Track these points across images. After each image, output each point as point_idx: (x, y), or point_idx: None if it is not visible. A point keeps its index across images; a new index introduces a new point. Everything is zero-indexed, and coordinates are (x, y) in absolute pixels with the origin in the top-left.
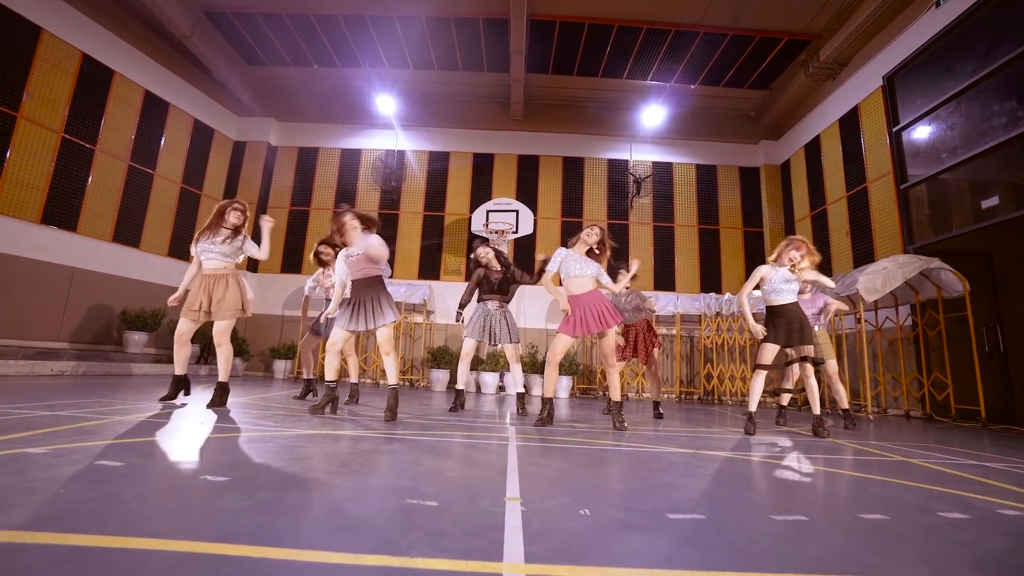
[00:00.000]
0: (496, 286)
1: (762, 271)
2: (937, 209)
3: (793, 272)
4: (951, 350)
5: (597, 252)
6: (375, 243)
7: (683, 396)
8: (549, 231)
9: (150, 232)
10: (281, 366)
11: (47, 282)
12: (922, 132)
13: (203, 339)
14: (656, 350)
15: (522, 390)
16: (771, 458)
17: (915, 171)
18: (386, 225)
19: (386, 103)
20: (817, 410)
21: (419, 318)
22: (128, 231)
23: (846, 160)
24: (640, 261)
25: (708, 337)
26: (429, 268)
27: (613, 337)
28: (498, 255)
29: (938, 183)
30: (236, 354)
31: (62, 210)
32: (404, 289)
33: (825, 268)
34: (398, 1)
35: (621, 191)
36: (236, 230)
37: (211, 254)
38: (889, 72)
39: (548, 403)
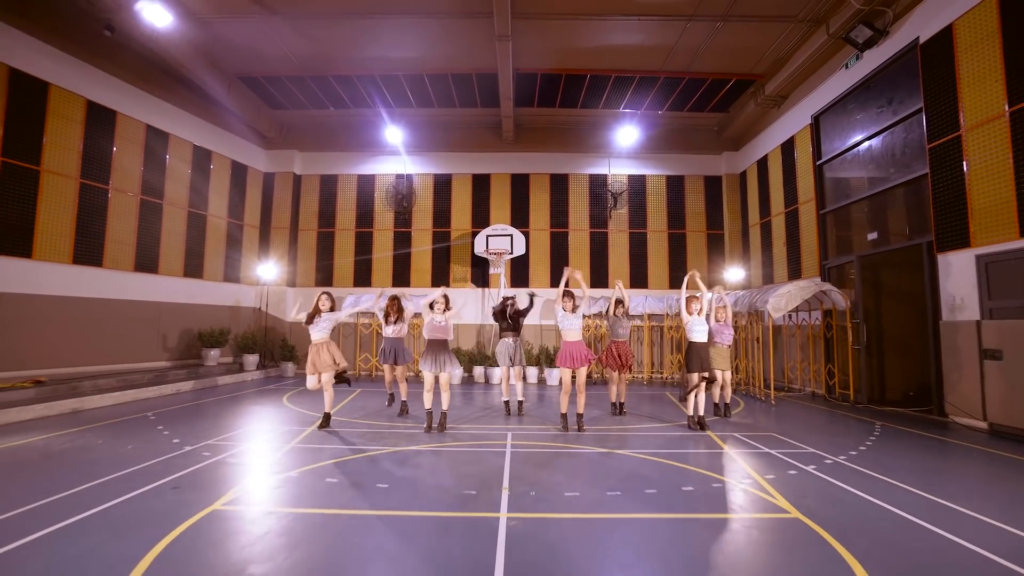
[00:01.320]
0: (512, 324)
1: (685, 317)
2: (843, 234)
3: (699, 316)
4: (839, 347)
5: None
6: (449, 319)
7: (652, 378)
8: (540, 241)
9: (208, 263)
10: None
11: (143, 317)
12: (836, 169)
13: (262, 348)
14: (632, 363)
15: (522, 399)
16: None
17: (831, 200)
18: (400, 241)
19: (394, 134)
20: (701, 410)
21: None
22: (193, 265)
23: (785, 181)
24: (571, 268)
25: (670, 329)
26: (440, 277)
27: (585, 371)
28: (515, 304)
29: (843, 214)
30: (287, 359)
31: (146, 259)
32: (420, 299)
33: (767, 272)
34: (404, 64)
35: (601, 202)
36: (331, 309)
37: (316, 332)
38: (817, 112)
39: (564, 417)
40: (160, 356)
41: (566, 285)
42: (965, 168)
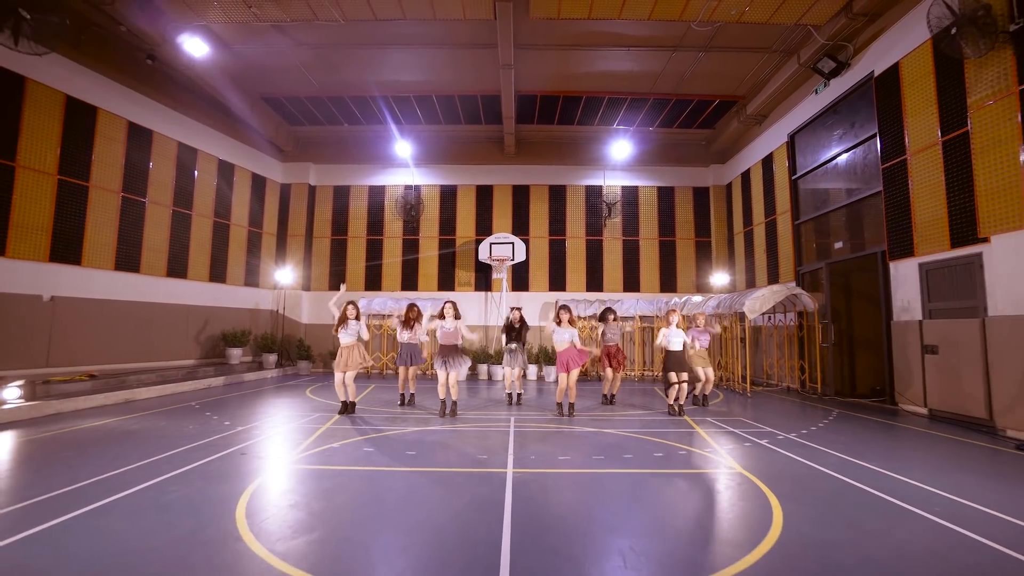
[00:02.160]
0: (518, 335)
1: (664, 331)
2: (815, 242)
3: (679, 328)
4: (811, 345)
5: (570, 321)
6: (461, 327)
7: (644, 375)
8: (539, 248)
9: (231, 268)
10: None
11: (174, 318)
12: (808, 184)
13: (280, 348)
14: (624, 362)
15: (521, 391)
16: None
17: (803, 212)
18: (409, 248)
19: (403, 148)
20: (682, 399)
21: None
22: (218, 271)
23: (765, 193)
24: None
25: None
26: (446, 282)
27: (577, 372)
28: (521, 318)
29: (814, 225)
30: (303, 358)
31: (177, 265)
32: (429, 303)
33: (750, 277)
34: (415, 86)
35: (597, 212)
36: (356, 318)
37: (345, 336)
38: (792, 131)
39: (560, 406)
40: (189, 355)
41: (561, 311)
42: (910, 187)
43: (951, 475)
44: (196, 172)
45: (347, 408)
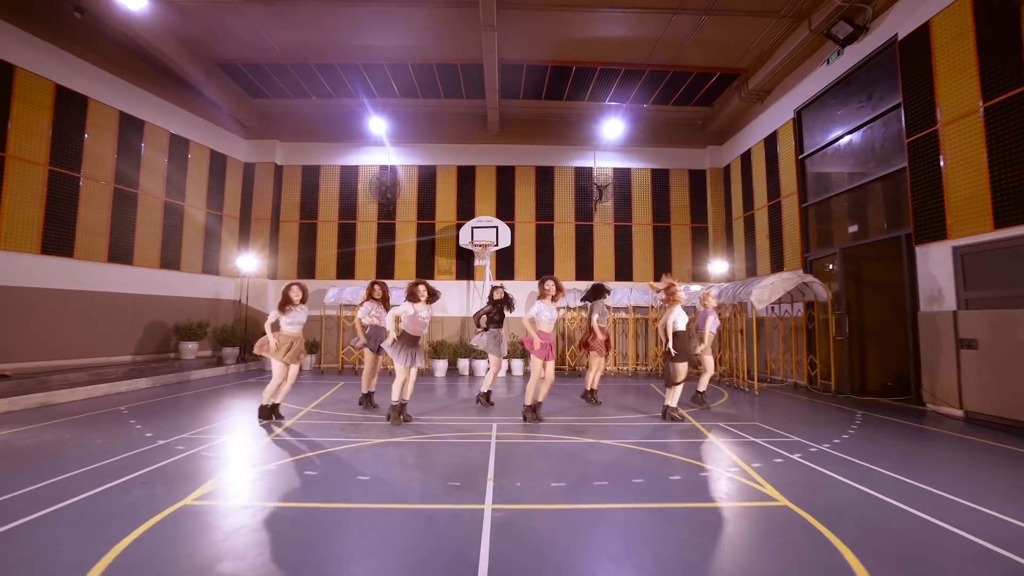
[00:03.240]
0: (501, 317)
1: (678, 309)
2: (825, 227)
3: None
4: (821, 339)
5: (554, 297)
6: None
7: (637, 370)
8: (526, 234)
9: (187, 255)
10: (307, 360)
11: (119, 309)
12: (818, 163)
13: (241, 341)
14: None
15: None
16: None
17: (812, 194)
18: (384, 233)
19: (377, 124)
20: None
21: None
22: (170, 257)
23: (768, 175)
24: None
25: (655, 322)
26: (424, 270)
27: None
28: (507, 296)
29: (825, 207)
30: None
31: (120, 249)
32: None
33: (751, 265)
34: (387, 52)
35: (587, 195)
36: (303, 301)
37: (291, 325)
38: (799, 107)
39: (532, 410)
40: (135, 350)
41: (547, 283)
42: (942, 162)
43: None
44: (143, 146)
45: (274, 411)
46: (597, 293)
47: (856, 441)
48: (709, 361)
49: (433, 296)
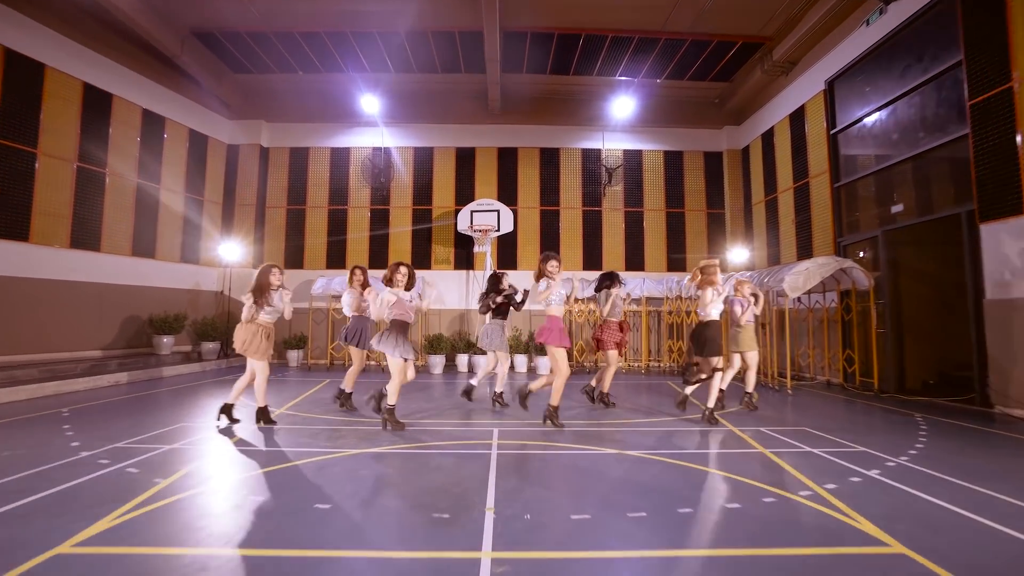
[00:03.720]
0: (507, 311)
1: (710, 293)
2: (862, 208)
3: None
4: (861, 332)
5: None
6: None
7: (650, 366)
8: (529, 220)
9: (163, 242)
10: (294, 355)
11: (82, 299)
12: (853, 138)
13: (223, 335)
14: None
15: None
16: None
17: (847, 172)
18: (377, 220)
19: (370, 103)
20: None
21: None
22: (144, 243)
23: (794, 154)
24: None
25: (671, 315)
26: (420, 259)
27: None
28: (515, 289)
29: (863, 186)
30: None
31: (85, 234)
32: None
33: (773, 253)
34: (378, 19)
35: (595, 179)
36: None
37: (268, 312)
38: (831, 77)
39: (555, 413)
40: (103, 344)
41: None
42: (1018, 124)
43: None
44: (111, 122)
45: (228, 411)
46: (611, 281)
47: (935, 452)
48: (753, 357)
49: (411, 280)
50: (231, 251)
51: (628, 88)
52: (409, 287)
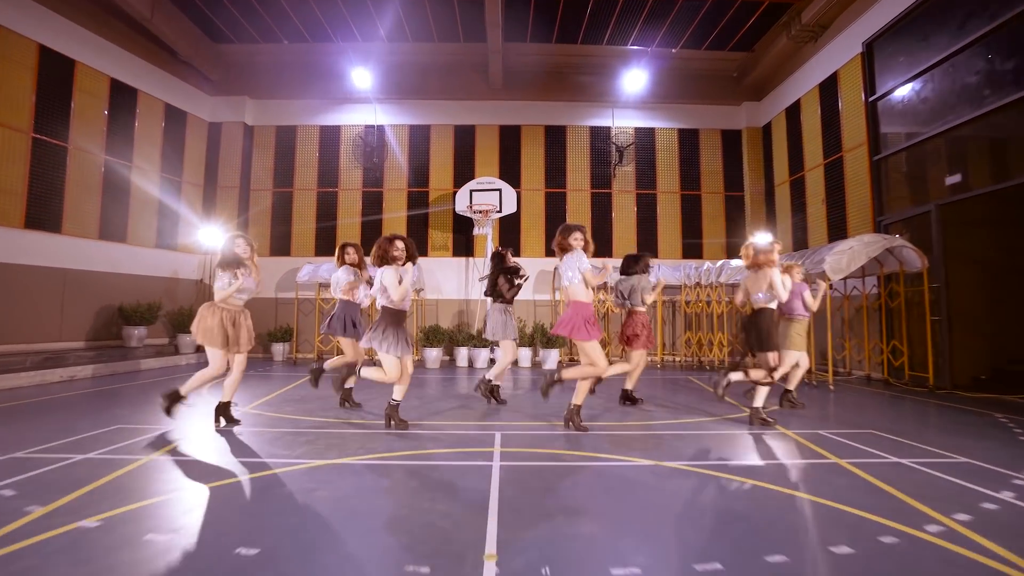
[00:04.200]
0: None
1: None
2: (907, 182)
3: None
4: (909, 320)
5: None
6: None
7: (664, 361)
8: (533, 203)
9: (135, 225)
10: (279, 348)
11: (41, 286)
12: (897, 103)
13: None
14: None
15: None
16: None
17: (888, 143)
18: (370, 203)
19: (362, 77)
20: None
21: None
22: (114, 226)
23: (824, 127)
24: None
25: (689, 304)
26: (417, 245)
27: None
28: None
29: (909, 157)
30: None
31: (44, 213)
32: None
33: (800, 237)
34: None
35: (604, 159)
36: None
37: (240, 292)
38: (869, 38)
39: (575, 414)
40: (66, 335)
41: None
42: None
43: None
44: (73, 92)
45: (226, 414)
46: (640, 265)
47: None
48: (804, 357)
49: (411, 255)
50: (212, 237)
51: (640, 59)
52: (408, 261)
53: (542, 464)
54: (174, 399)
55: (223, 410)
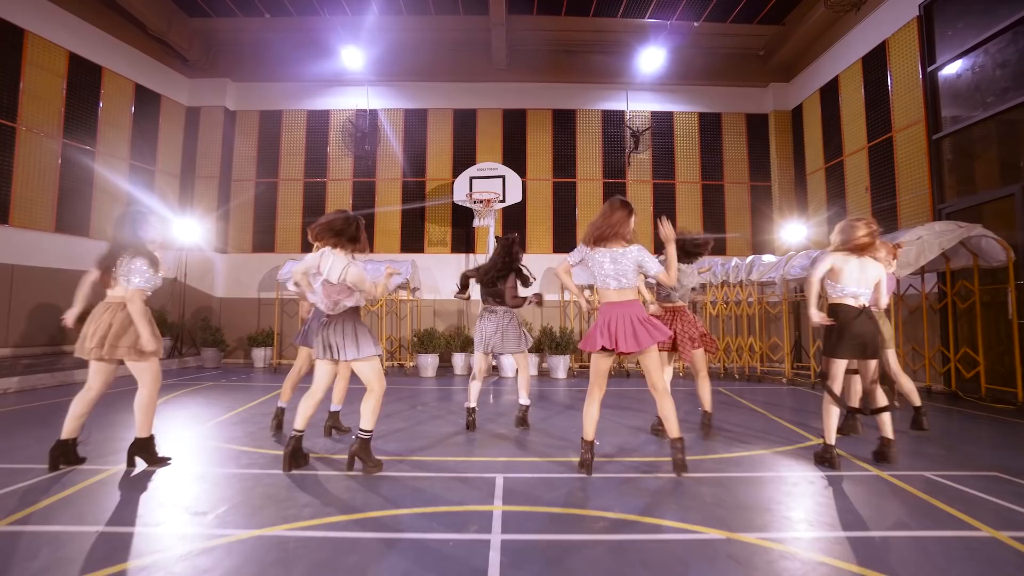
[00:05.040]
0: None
1: (833, 260)
2: (975, 164)
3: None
4: (985, 324)
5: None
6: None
7: (685, 367)
8: (540, 194)
9: (100, 217)
10: (260, 354)
11: None
12: (964, 72)
13: (176, 331)
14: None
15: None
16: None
17: (952, 119)
18: (362, 194)
19: (352, 56)
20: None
21: (403, 294)
22: (73, 218)
23: (868, 105)
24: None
25: (714, 305)
26: (412, 240)
27: (657, 356)
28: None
29: (978, 134)
30: (212, 344)
31: None
32: (384, 267)
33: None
34: None
35: (617, 146)
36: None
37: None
38: (926, 0)
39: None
40: (10, 341)
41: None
42: None
43: None
44: (23, 64)
45: (68, 454)
46: (692, 251)
47: None
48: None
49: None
50: (189, 231)
51: (659, 35)
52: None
53: (567, 539)
54: (147, 447)
55: (141, 447)
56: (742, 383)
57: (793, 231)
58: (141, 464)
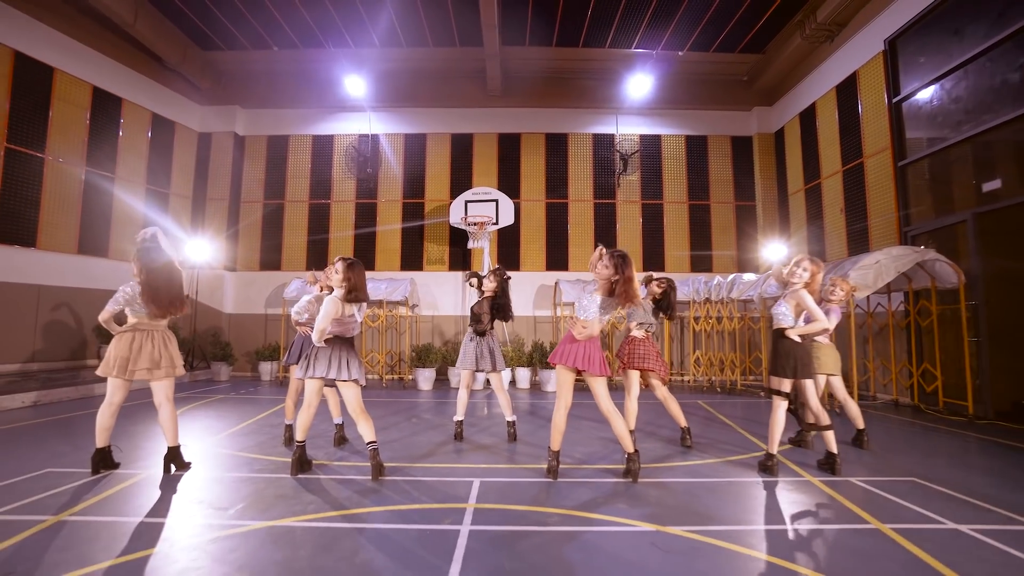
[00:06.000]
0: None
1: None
2: (937, 189)
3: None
4: (943, 342)
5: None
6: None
7: (671, 382)
8: (533, 215)
9: (117, 239)
10: (267, 368)
11: (12, 303)
12: (925, 104)
13: (188, 346)
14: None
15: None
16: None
17: (915, 147)
18: (364, 215)
19: (355, 84)
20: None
21: (403, 310)
22: (93, 241)
23: (842, 131)
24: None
25: (698, 321)
26: (411, 259)
27: (602, 383)
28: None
29: (939, 161)
30: (221, 358)
31: (17, 226)
32: (385, 285)
33: (816, 249)
34: None
35: (608, 168)
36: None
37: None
38: (891, 35)
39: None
40: (37, 356)
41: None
42: None
43: None
44: (52, 100)
45: (106, 460)
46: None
47: None
48: (838, 382)
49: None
50: (200, 251)
51: (645, 63)
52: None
53: (535, 530)
54: (176, 456)
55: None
56: (723, 395)
57: (775, 250)
58: (171, 468)
